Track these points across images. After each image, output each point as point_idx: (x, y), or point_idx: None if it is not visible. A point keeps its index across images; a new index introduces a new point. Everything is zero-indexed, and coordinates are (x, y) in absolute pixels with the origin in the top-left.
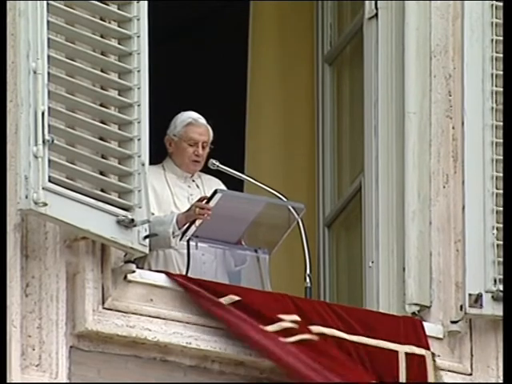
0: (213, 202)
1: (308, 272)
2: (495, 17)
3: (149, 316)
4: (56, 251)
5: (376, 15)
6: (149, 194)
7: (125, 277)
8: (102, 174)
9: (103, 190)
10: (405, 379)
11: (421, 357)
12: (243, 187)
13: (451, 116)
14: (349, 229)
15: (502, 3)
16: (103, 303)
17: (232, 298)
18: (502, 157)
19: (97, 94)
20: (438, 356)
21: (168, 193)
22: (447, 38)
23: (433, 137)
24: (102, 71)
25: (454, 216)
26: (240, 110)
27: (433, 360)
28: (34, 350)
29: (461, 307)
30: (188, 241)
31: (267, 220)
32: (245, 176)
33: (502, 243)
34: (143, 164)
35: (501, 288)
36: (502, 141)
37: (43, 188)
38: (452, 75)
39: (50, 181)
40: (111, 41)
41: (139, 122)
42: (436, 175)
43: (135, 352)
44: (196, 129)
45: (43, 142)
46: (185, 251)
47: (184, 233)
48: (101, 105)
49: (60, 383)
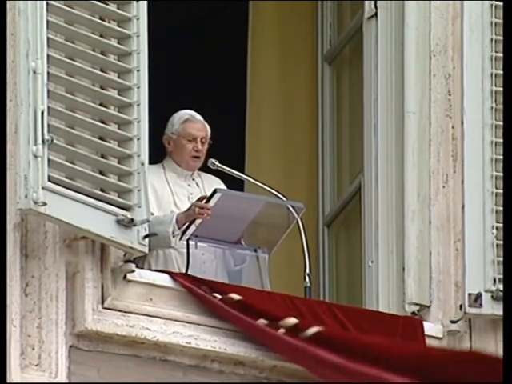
0: (212, 202)
1: (307, 271)
2: (495, 16)
3: (148, 315)
4: (56, 251)
5: (376, 15)
6: (148, 194)
7: (124, 276)
8: (102, 174)
9: (103, 190)
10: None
11: None
12: (244, 186)
13: (451, 115)
14: (348, 228)
15: (502, 3)
16: (103, 303)
17: (233, 298)
18: (502, 156)
19: (96, 94)
20: None
21: (168, 192)
22: (447, 38)
23: (432, 136)
24: (102, 71)
25: (454, 215)
26: (240, 110)
27: None
28: (34, 350)
29: (460, 307)
30: (188, 240)
31: (267, 219)
32: (244, 175)
33: (502, 243)
34: (143, 163)
35: (500, 288)
36: (502, 140)
37: (43, 187)
38: (451, 75)
39: (50, 180)
40: (111, 40)
41: (139, 122)
42: (435, 175)
43: (135, 351)
44: (194, 125)
45: (43, 142)
46: (184, 251)
47: (184, 232)
48: (100, 104)
49: (60, 383)
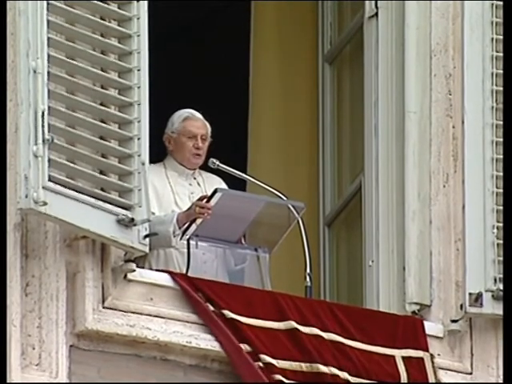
0: (213, 201)
1: (308, 271)
2: (495, 16)
3: (149, 315)
4: (56, 250)
5: (376, 14)
6: (149, 193)
7: (125, 276)
8: (102, 173)
9: (103, 189)
10: (406, 380)
11: (419, 359)
12: (246, 185)
13: (451, 115)
14: (349, 228)
15: (502, 2)
16: (103, 302)
17: (226, 315)
18: (502, 156)
19: (97, 93)
20: (438, 355)
21: (169, 191)
22: (447, 37)
23: (433, 136)
24: (102, 70)
25: (454, 215)
26: (241, 110)
27: (431, 361)
28: (34, 350)
29: (461, 306)
30: (188, 240)
31: (267, 219)
32: (244, 175)
33: (502, 242)
34: (143, 163)
35: (501, 287)
36: (502, 140)
37: (43, 187)
38: (452, 74)
39: (50, 180)
40: (111, 40)
41: (139, 121)
42: (436, 174)
43: (135, 351)
44: (194, 123)
45: (43, 141)
46: (185, 250)
47: (184, 232)
48: (101, 104)
49: (60, 383)
